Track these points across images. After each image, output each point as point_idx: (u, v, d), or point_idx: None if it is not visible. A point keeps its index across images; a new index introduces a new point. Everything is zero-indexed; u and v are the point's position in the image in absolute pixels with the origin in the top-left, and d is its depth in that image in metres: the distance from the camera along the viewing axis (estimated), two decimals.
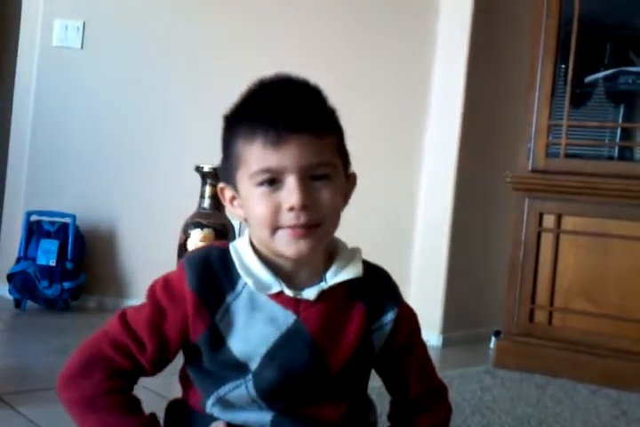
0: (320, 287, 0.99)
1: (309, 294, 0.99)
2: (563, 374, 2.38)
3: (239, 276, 0.99)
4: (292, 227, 0.94)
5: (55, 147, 2.99)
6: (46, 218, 2.92)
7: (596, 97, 2.63)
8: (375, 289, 1.04)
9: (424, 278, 2.89)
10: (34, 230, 2.89)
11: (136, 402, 1.01)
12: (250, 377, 0.98)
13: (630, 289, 2.38)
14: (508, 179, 2.55)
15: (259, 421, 1.00)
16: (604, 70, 2.57)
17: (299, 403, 1.00)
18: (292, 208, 0.93)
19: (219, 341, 0.98)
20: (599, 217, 2.43)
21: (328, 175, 0.96)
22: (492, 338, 2.76)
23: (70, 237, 2.86)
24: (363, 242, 1.15)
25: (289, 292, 0.98)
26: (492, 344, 2.77)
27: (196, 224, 2.55)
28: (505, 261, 2.62)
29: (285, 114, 0.93)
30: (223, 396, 0.99)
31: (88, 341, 1.01)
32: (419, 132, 2.92)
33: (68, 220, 2.89)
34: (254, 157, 0.94)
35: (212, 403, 1.00)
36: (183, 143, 2.97)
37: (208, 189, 2.56)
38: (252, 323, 0.98)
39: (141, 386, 1.04)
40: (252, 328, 0.98)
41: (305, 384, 0.99)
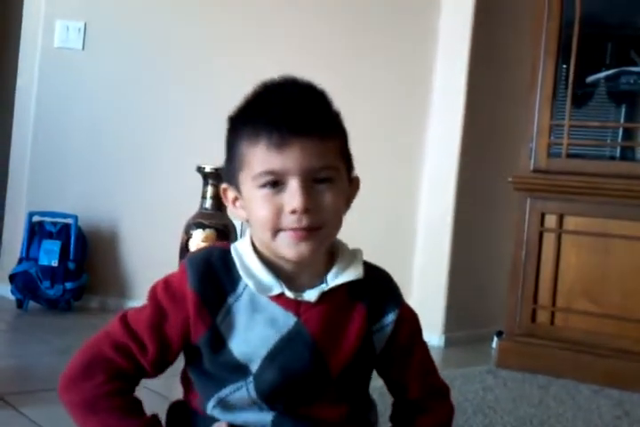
0: (321, 289, 0.99)
1: (310, 296, 0.99)
2: (565, 374, 2.38)
3: (240, 277, 0.99)
4: (293, 229, 0.94)
5: (57, 148, 3.00)
6: (48, 219, 2.92)
7: (598, 97, 2.63)
8: (376, 290, 1.04)
9: (426, 278, 2.89)
10: (36, 231, 2.89)
11: (137, 404, 1.01)
12: (250, 379, 0.98)
13: (632, 289, 2.38)
14: (509, 179, 2.55)
15: (259, 421, 0.99)
16: (605, 70, 2.57)
17: (299, 404, 1.00)
18: (294, 211, 0.93)
19: (219, 342, 0.98)
20: (601, 217, 2.43)
21: (331, 179, 0.95)
22: (494, 338, 2.76)
23: (72, 237, 2.86)
24: (364, 242, 1.15)
25: (290, 293, 0.98)
26: (494, 344, 2.77)
27: (198, 225, 2.55)
28: (507, 262, 2.62)
29: (289, 116, 0.93)
30: (224, 398, 0.99)
31: (89, 342, 1.01)
32: (420, 131, 2.92)
33: (69, 220, 2.89)
34: (257, 158, 0.94)
35: (213, 405, 1.00)
36: (184, 143, 2.97)
37: (210, 190, 2.56)
38: (253, 324, 0.98)
39: (143, 387, 1.04)
40: (252, 330, 0.98)
41: (306, 386, 0.99)
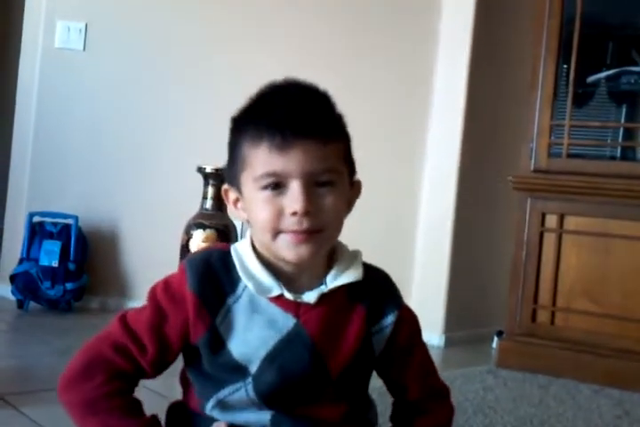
0: (320, 291, 0.99)
1: (309, 298, 0.99)
2: (565, 373, 2.38)
3: (240, 278, 0.99)
4: (293, 231, 0.94)
5: (57, 148, 3.00)
6: (49, 219, 2.92)
7: (599, 97, 2.63)
8: (376, 292, 1.04)
9: (426, 278, 2.89)
10: (36, 231, 2.89)
11: (137, 404, 1.01)
12: (249, 380, 0.98)
13: (632, 289, 2.38)
14: (510, 179, 2.55)
15: (259, 420, 1.00)
16: (606, 70, 2.57)
17: (298, 404, 1.00)
18: (294, 213, 0.93)
19: (219, 343, 0.98)
20: (601, 217, 2.43)
21: (333, 182, 0.95)
22: (495, 338, 2.76)
23: (73, 238, 2.86)
24: (365, 242, 1.15)
25: (289, 295, 0.98)
26: (494, 344, 2.77)
27: (199, 225, 2.55)
28: (507, 261, 2.62)
29: (293, 118, 0.93)
30: (223, 399, 0.99)
31: (88, 344, 1.01)
32: (421, 131, 2.92)
33: (70, 221, 2.89)
34: (260, 160, 0.94)
35: (212, 406, 1.00)
36: (184, 143, 2.97)
37: (210, 190, 2.56)
38: (252, 326, 0.98)
39: (142, 386, 1.04)
40: (251, 331, 0.98)
41: (305, 387, 0.99)
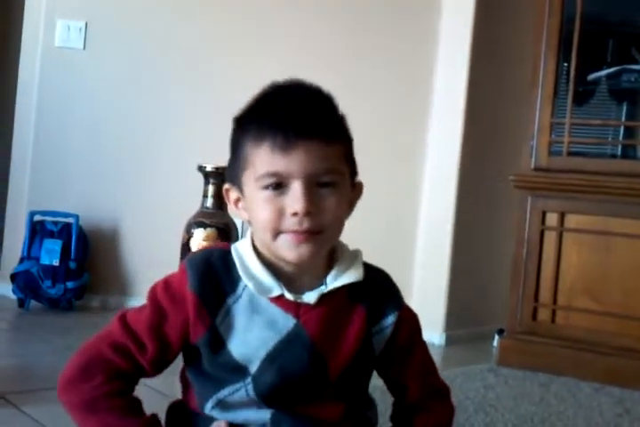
0: (320, 291, 0.99)
1: (310, 298, 0.99)
2: (566, 372, 2.38)
3: (240, 278, 0.99)
4: (294, 232, 0.94)
5: (58, 147, 3.00)
6: (49, 218, 2.92)
7: (599, 95, 2.62)
8: (376, 292, 1.03)
9: (427, 277, 2.89)
10: (37, 230, 2.89)
11: (137, 403, 1.01)
12: (249, 380, 0.98)
13: (633, 287, 2.38)
14: (510, 177, 2.55)
15: (258, 419, 1.00)
16: (606, 68, 2.57)
17: (298, 404, 1.00)
18: (295, 213, 0.93)
19: (219, 343, 0.98)
20: (602, 215, 2.43)
21: (334, 183, 0.95)
22: (495, 336, 2.76)
23: (73, 236, 2.86)
24: (365, 241, 1.15)
25: (289, 295, 0.98)
26: (495, 342, 2.77)
27: (199, 224, 2.55)
28: (508, 260, 2.62)
29: (295, 119, 0.93)
30: (222, 399, 0.99)
31: (87, 343, 1.01)
32: (421, 131, 2.92)
33: (71, 220, 2.89)
34: (261, 160, 0.94)
35: (212, 405, 1.00)
36: (184, 143, 2.97)
37: (211, 189, 2.56)
38: (252, 326, 0.98)
39: (143, 384, 1.04)
40: (251, 331, 0.98)
41: (305, 387, 0.99)
